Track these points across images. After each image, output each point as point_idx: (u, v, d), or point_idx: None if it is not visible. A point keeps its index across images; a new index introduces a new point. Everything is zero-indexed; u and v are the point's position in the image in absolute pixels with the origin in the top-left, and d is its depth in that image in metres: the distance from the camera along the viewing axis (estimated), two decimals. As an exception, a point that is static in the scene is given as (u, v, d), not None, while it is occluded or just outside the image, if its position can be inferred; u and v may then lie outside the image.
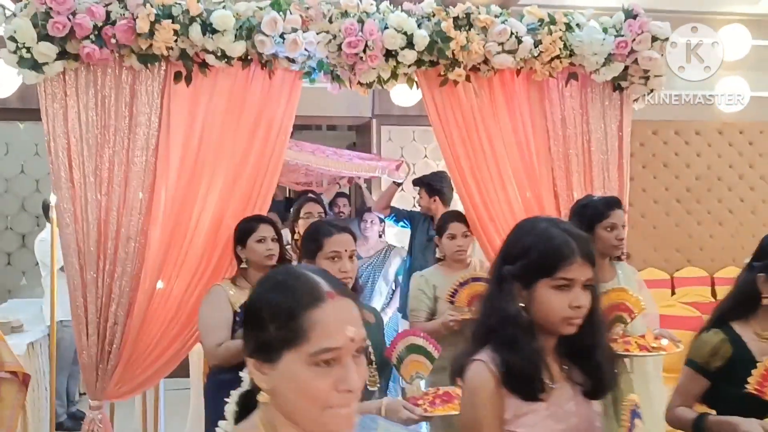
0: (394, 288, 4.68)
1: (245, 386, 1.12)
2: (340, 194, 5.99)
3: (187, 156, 2.95)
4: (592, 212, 2.81)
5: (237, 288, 2.75)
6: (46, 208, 4.44)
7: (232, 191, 3.02)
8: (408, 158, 6.09)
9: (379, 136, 6.02)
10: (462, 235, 3.17)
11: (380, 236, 4.87)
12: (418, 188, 4.49)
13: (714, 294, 5.82)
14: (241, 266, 2.84)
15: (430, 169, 6.12)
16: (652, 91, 3.28)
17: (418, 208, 5.48)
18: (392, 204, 4.89)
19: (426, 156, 6.17)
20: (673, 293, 5.99)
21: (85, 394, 5.04)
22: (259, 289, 1.09)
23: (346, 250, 2.31)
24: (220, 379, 2.54)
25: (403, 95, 5.12)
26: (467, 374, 1.55)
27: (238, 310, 2.66)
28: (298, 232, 4.10)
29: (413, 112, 5.76)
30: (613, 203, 2.87)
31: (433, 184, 4.31)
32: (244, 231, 2.81)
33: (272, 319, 1.02)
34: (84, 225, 2.86)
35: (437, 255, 3.28)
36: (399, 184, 4.84)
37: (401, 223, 4.79)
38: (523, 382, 1.49)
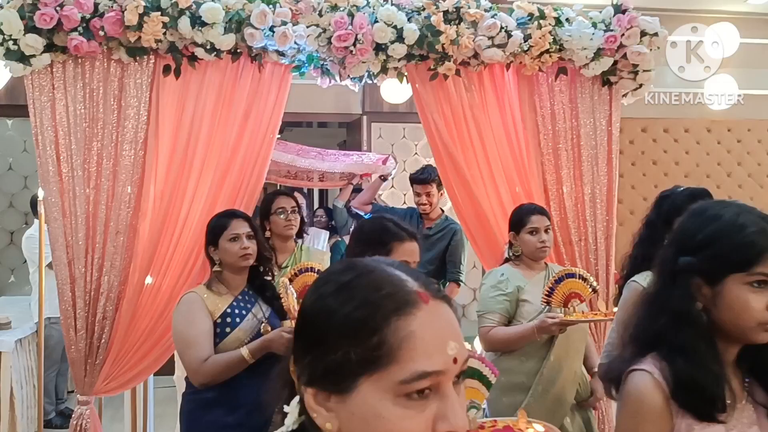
0: None
1: (289, 426, 0.83)
2: (355, 190, 5.47)
3: (176, 150, 2.94)
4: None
5: (213, 293, 2.45)
6: (34, 203, 4.41)
7: (221, 186, 3.01)
8: (398, 155, 6.08)
9: (370, 133, 6.01)
10: (545, 229, 2.81)
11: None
12: (418, 185, 4.04)
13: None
14: (215, 269, 2.51)
15: (420, 166, 6.14)
16: (641, 86, 3.29)
17: (406, 205, 5.47)
18: (384, 200, 4.81)
19: (416, 153, 6.17)
20: (662, 290, 6.01)
21: (73, 391, 5.02)
22: (316, 294, 0.81)
23: (413, 262, 2.11)
24: (204, 398, 2.37)
25: (393, 92, 5.12)
26: (628, 386, 1.32)
27: (219, 320, 2.40)
28: (270, 230, 3.64)
29: (403, 109, 5.76)
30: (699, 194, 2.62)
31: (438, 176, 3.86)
32: (214, 229, 2.50)
33: (342, 335, 0.75)
34: (72, 219, 2.84)
35: (508, 254, 2.90)
36: (384, 179, 4.59)
37: None
38: (700, 398, 1.25)
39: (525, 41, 3.07)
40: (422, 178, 3.97)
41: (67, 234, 2.84)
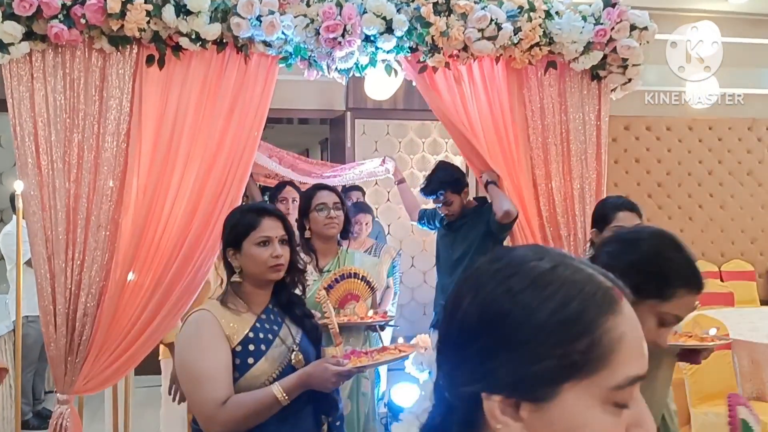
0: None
1: None
2: (353, 187, 5.44)
3: (160, 142, 2.86)
4: None
5: (230, 312, 1.90)
6: (12, 198, 4.30)
7: (206, 179, 2.93)
8: (383, 152, 6.05)
9: (353, 129, 5.96)
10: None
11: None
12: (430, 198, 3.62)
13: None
14: (233, 279, 1.96)
15: (405, 164, 6.11)
16: (630, 80, 3.28)
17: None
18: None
19: (400, 150, 6.14)
20: (645, 287, 6.04)
21: (51, 392, 4.91)
22: (502, 287, 0.70)
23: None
24: None
25: (378, 88, 5.08)
26: None
27: (239, 347, 1.85)
28: (310, 230, 3.69)
29: (387, 106, 5.73)
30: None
31: (456, 178, 3.48)
32: (238, 227, 1.96)
33: (546, 336, 0.66)
34: (52, 213, 2.75)
35: (589, 254, 2.57)
36: (403, 180, 4.08)
37: (429, 226, 3.92)
38: None
39: (515, 34, 3.05)
40: (428, 190, 3.51)
41: (47, 228, 2.75)
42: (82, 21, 2.62)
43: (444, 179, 3.42)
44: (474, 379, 0.69)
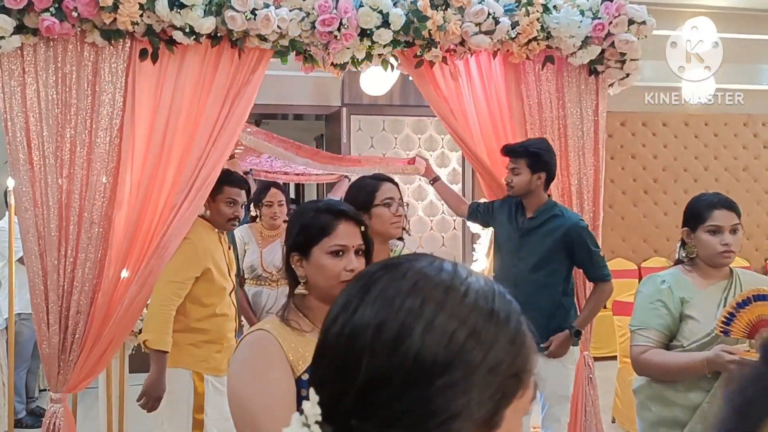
0: None
1: None
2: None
3: (153, 138, 2.82)
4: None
5: (294, 333, 1.54)
6: (4, 194, 4.26)
7: (198, 175, 2.90)
8: (378, 148, 6.03)
9: (349, 125, 5.94)
10: (731, 229, 2.19)
11: None
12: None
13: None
14: (297, 290, 1.62)
15: (402, 159, 6.07)
16: (627, 75, 3.26)
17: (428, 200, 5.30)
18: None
19: (396, 146, 6.11)
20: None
21: (45, 390, 4.87)
22: (452, 320, 0.67)
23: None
24: None
25: (374, 84, 5.05)
26: None
27: (303, 375, 1.48)
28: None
29: (383, 101, 5.70)
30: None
31: (540, 154, 3.00)
32: (311, 229, 1.61)
33: (504, 358, 0.68)
34: (44, 209, 2.72)
35: (679, 255, 2.32)
36: (438, 178, 3.59)
37: (483, 221, 3.41)
38: None
39: (512, 28, 3.02)
40: (508, 148, 3.08)
41: (39, 225, 2.72)
42: (74, 14, 2.58)
43: (529, 146, 3.02)
44: (442, 423, 0.65)
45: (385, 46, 2.96)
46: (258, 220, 4.10)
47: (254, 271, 3.96)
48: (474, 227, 3.69)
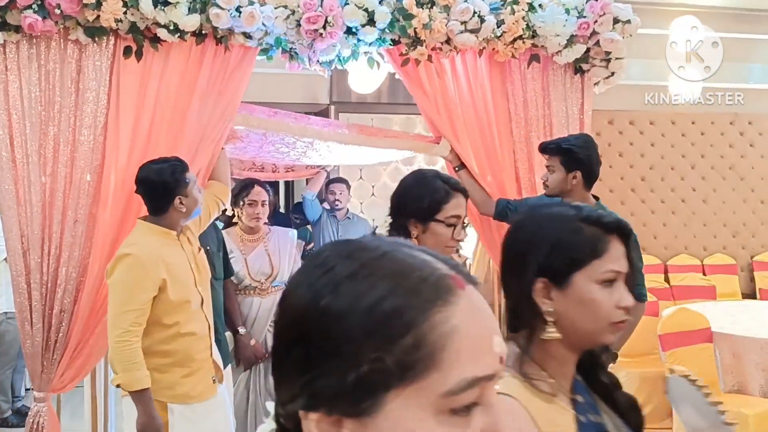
0: None
1: None
2: (337, 179, 5.04)
3: (138, 135, 2.81)
4: None
5: (543, 398, 1.14)
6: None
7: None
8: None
9: (337, 123, 5.92)
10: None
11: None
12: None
13: (667, 280, 5.93)
14: (548, 333, 1.18)
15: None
16: (613, 74, 3.28)
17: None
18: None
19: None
20: (628, 280, 6.08)
21: (31, 389, 4.84)
22: (311, 290, 0.60)
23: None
24: None
25: (362, 81, 5.04)
26: None
27: None
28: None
29: (371, 99, 5.70)
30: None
31: (574, 151, 2.83)
32: (583, 248, 1.15)
33: (362, 338, 0.56)
34: (27, 207, 2.70)
35: None
36: (463, 165, 3.27)
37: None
38: None
39: (498, 27, 3.03)
40: (546, 144, 2.96)
41: (22, 223, 2.70)
42: (57, 11, 2.56)
43: (562, 143, 2.88)
44: (294, 396, 0.60)
45: (370, 44, 2.96)
46: (237, 221, 3.71)
47: (242, 281, 3.58)
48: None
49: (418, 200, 1.93)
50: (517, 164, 3.28)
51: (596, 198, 2.94)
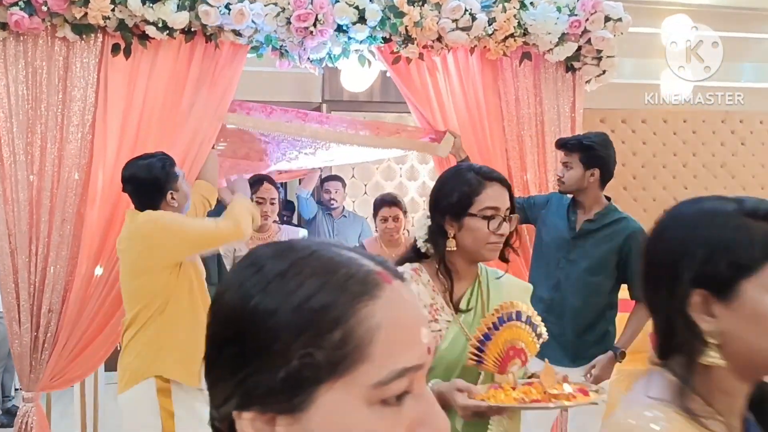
0: None
1: None
2: (331, 177, 4.98)
3: (126, 133, 2.79)
4: None
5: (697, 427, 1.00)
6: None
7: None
8: (358, 145, 5.99)
9: (329, 121, 5.90)
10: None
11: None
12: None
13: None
14: (710, 357, 0.92)
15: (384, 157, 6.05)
16: (604, 72, 3.27)
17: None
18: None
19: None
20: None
21: (20, 389, 4.81)
22: (241, 289, 0.61)
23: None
24: None
25: (354, 80, 5.01)
26: None
27: None
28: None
29: (364, 98, 5.67)
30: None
31: (595, 148, 2.85)
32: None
33: (291, 335, 0.57)
34: (15, 206, 2.68)
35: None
36: (467, 159, 3.12)
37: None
38: None
39: (489, 25, 3.01)
40: (563, 140, 2.95)
41: (9, 222, 2.68)
42: (44, 8, 2.54)
43: (583, 139, 2.86)
44: (227, 397, 0.60)
45: (361, 42, 2.95)
46: None
47: None
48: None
49: (449, 195, 1.73)
50: (509, 162, 3.27)
51: (608, 198, 2.92)
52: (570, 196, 2.93)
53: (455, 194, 1.72)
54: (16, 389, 5.01)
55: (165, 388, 2.50)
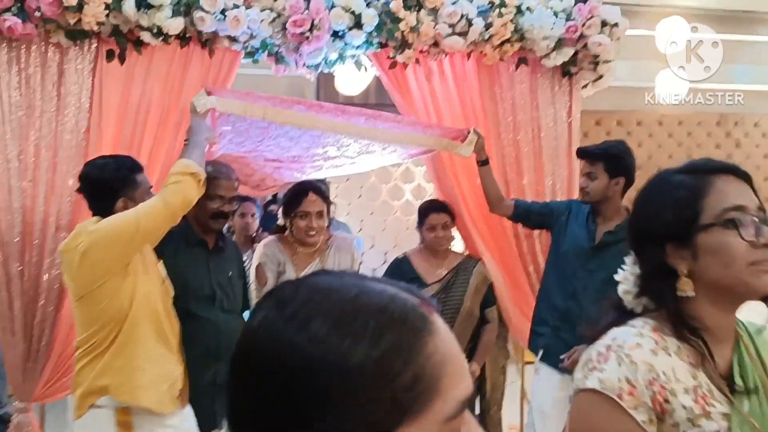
0: None
1: None
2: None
3: (121, 140, 2.77)
4: None
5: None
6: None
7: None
8: (354, 148, 5.97)
9: (324, 125, 5.87)
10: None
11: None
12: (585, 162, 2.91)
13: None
14: None
15: (376, 159, 6.02)
16: (601, 76, 3.26)
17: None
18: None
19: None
20: (616, 281, 6.09)
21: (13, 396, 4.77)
22: (298, 336, 0.56)
23: None
24: None
25: (349, 83, 5.00)
26: None
27: None
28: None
29: (358, 101, 5.64)
30: None
31: (621, 157, 2.82)
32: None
33: (368, 378, 0.54)
34: (8, 214, 2.65)
35: None
36: (487, 161, 3.06)
37: (532, 224, 3.15)
38: None
39: (486, 30, 3.00)
40: (585, 150, 2.95)
41: (3, 230, 2.65)
42: (37, 14, 2.52)
43: (608, 148, 2.83)
44: None
45: (357, 47, 2.93)
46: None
47: None
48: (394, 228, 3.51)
49: (659, 214, 1.20)
50: (505, 167, 3.26)
51: (627, 210, 2.80)
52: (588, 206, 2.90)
53: (668, 209, 1.18)
54: (9, 396, 4.96)
55: (125, 421, 2.23)
